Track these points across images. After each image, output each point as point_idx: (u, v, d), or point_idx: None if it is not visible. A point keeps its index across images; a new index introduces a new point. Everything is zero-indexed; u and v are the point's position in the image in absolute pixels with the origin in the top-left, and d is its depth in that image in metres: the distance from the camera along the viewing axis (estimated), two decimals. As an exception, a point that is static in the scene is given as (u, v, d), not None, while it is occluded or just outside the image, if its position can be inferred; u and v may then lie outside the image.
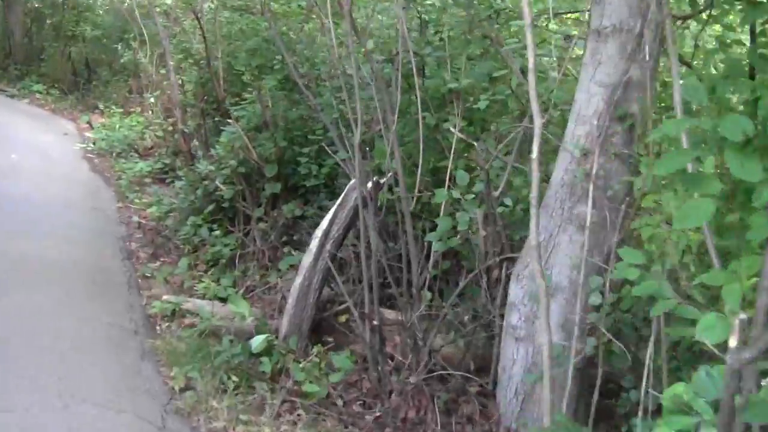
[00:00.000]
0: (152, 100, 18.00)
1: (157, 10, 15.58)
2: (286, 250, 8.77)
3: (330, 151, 8.17)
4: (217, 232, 9.40)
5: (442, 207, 7.24)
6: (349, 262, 8.10)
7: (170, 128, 16.94)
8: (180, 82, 13.49)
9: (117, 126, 17.74)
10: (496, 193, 7.19)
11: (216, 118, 12.11)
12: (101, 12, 24.95)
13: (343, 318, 7.87)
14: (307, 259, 7.46)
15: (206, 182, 9.96)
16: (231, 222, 9.65)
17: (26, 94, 22.66)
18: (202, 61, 12.69)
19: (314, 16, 11.97)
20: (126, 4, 21.15)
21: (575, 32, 8.51)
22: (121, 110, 19.22)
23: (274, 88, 10.09)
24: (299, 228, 8.96)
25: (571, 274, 6.20)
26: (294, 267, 8.15)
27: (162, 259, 9.47)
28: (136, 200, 12.08)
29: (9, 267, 8.32)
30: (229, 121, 11.02)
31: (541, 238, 6.06)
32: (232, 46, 12.53)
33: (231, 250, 9.14)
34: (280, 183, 9.23)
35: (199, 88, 12.63)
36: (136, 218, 11.05)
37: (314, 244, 7.44)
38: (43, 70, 24.14)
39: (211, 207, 9.73)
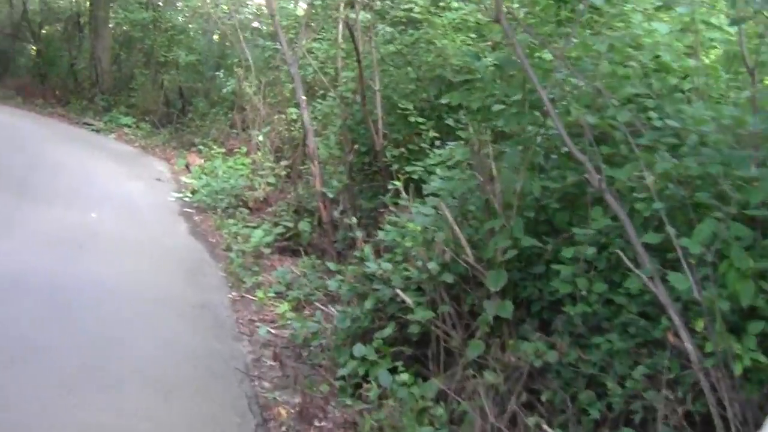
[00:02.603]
0: (260, 138, 14.66)
1: (283, 24, 11.92)
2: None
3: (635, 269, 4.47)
4: (405, 377, 5.74)
5: None
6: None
7: (283, 173, 13.67)
8: (313, 124, 9.74)
9: (219, 170, 14.42)
10: None
11: (371, 179, 8.63)
12: (196, 34, 21.86)
13: None
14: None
15: (377, 288, 6.38)
16: (425, 358, 5.95)
17: (113, 128, 19.74)
18: (346, 94, 9.09)
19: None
20: (227, 22, 18.00)
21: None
22: (223, 149, 15.89)
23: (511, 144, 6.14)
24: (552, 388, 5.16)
25: None
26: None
27: (318, 424, 5.74)
28: (259, 293, 8.57)
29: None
30: (395, 183, 7.50)
31: None
32: (391, 75, 8.97)
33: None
34: (508, 300, 5.53)
35: (345, 132, 8.97)
36: (262, 329, 7.50)
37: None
38: (132, 100, 21.21)
39: (388, 330, 6.10)
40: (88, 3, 22.89)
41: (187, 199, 13.35)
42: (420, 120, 8.05)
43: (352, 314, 6.52)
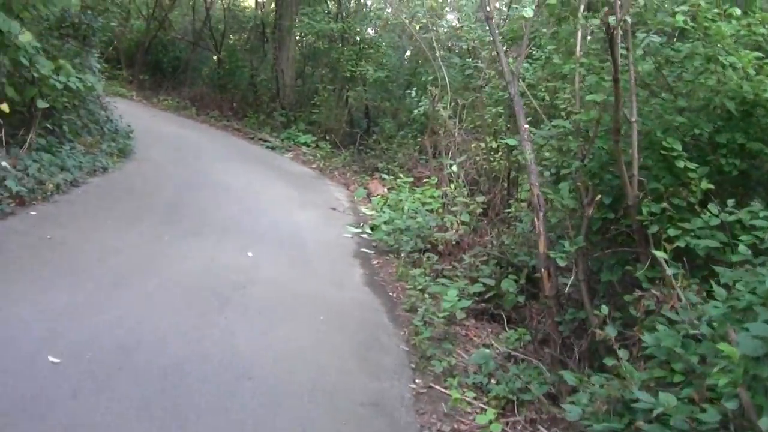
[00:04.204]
0: (454, 167, 12.34)
1: (498, 31, 9.25)
2: None
3: None
4: None
5: None
6: None
7: (478, 210, 11.29)
8: (532, 155, 6.96)
9: (405, 204, 12.18)
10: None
11: (616, 242, 6.00)
12: (387, 48, 19.88)
13: None
14: None
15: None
16: None
17: (290, 146, 18.05)
18: (585, 126, 6.41)
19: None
20: (423, 36, 15.83)
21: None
22: (410, 178, 13.66)
23: None
24: None
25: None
26: None
27: None
28: (452, 383, 6.17)
29: None
30: (657, 253, 4.94)
31: None
32: (651, 103, 6.25)
33: None
34: None
35: (582, 177, 6.16)
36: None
37: None
38: (313, 117, 19.47)
39: None
40: (273, 12, 21.51)
41: (365, 235, 11.18)
42: (690, 166, 5.43)
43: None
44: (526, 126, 6.66)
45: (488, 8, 7.55)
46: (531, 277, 8.45)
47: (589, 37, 7.29)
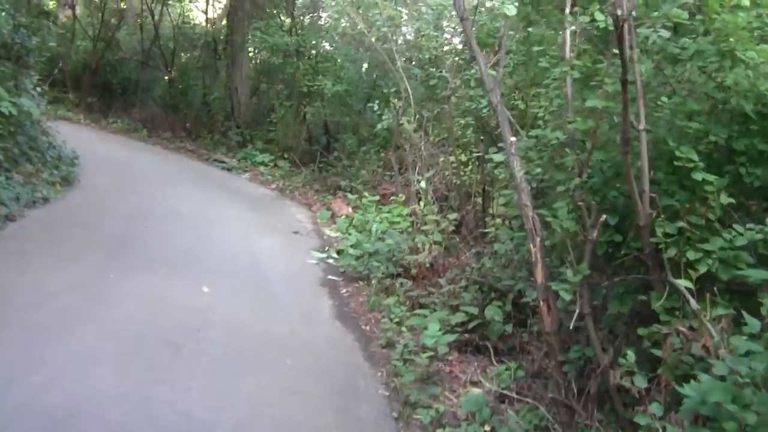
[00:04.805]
0: (423, 184, 11.57)
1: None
2: None
3: None
4: None
5: None
6: None
7: (450, 228, 10.53)
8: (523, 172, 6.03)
9: (373, 225, 11.38)
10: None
11: (624, 269, 5.20)
12: (344, 61, 19.07)
13: None
14: None
15: None
16: None
17: (247, 167, 17.17)
18: (580, 136, 5.59)
19: None
20: (381, 47, 15.06)
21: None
22: (376, 197, 12.85)
23: None
24: None
25: None
26: None
27: None
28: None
29: None
30: (677, 281, 4.23)
31: None
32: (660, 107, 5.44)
33: None
34: None
35: (581, 195, 5.23)
36: None
37: None
38: (270, 135, 18.60)
39: None
40: (225, 28, 20.63)
41: (331, 260, 10.35)
42: (708, 178, 4.68)
43: None
44: (513, 138, 5.86)
45: (463, 6, 6.75)
46: (516, 302, 7.70)
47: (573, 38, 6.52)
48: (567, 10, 6.13)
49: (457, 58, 13.33)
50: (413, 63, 16.41)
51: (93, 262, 7.95)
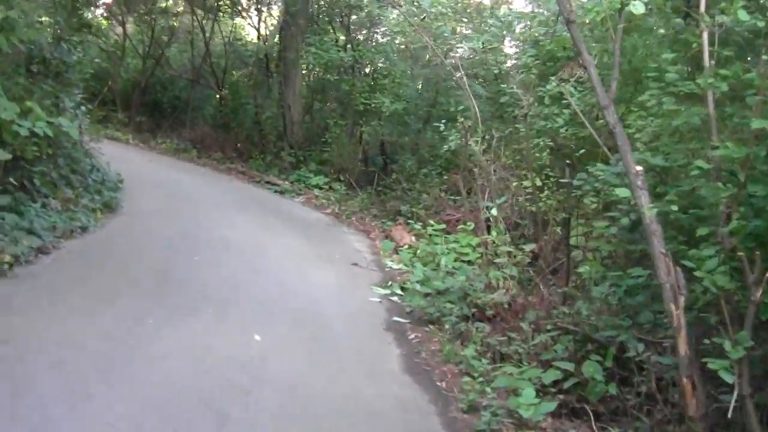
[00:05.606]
0: (494, 211, 10.45)
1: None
2: None
3: None
4: None
5: None
6: None
7: (525, 260, 9.43)
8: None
9: (441, 258, 10.27)
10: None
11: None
12: (404, 77, 18.07)
13: None
14: None
15: None
16: None
17: (300, 190, 16.21)
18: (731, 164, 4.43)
19: None
20: (444, 62, 14.00)
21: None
22: (442, 225, 11.74)
23: None
24: None
25: None
26: None
27: None
28: None
29: None
30: None
31: None
32: None
33: None
34: None
35: (745, 243, 4.05)
36: None
37: None
38: (325, 156, 17.62)
39: None
40: (277, 44, 19.77)
41: (395, 298, 9.28)
42: None
43: None
44: (639, 168, 4.71)
45: (569, 7, 5.62)
46: (618, 356, 6.51)
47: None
48: (701, 8, 4.97)
49: (526, 73, 12.28)
50: (478, 80, 15.42)
51: (129, 304, 6.96)
